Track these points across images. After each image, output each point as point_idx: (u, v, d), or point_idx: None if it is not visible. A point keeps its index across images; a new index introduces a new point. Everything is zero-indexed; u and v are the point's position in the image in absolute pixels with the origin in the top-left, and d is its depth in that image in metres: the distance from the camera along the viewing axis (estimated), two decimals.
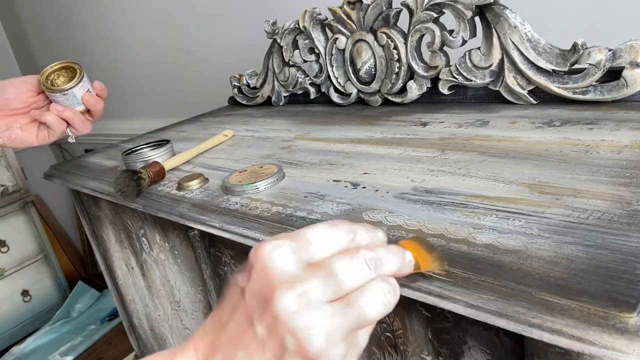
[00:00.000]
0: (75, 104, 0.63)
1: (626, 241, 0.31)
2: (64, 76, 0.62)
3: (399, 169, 0.52)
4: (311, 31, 0.86)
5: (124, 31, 1.65)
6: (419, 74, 0.74)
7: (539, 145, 0.50)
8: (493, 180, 0.44)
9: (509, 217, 0.37)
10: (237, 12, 1.26)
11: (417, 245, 0.31)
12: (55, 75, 0.62)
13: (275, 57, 0.96)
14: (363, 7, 0.76)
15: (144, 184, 0.62)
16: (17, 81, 0.64)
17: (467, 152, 0.52)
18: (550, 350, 0.29)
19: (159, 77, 1.63)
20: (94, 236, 0.95)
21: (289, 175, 0.57)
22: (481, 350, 0.35)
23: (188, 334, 0.80)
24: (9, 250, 1.99)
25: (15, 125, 0.63)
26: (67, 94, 0.61)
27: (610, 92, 0.57)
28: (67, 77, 0.62)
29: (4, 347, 1.97)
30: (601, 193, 0.37)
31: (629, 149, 0.44)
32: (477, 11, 0.64)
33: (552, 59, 0.59)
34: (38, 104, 0.64)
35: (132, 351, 1.63)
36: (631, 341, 0.24)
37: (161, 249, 0.73)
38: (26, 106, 0.63)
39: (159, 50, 1.56)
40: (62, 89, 0.61)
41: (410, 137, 0.62)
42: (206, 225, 0.53)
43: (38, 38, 2.13)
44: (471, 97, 0.72)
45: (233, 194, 0.55)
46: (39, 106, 0.64)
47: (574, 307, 0.26)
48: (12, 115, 0.63)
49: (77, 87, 0.61)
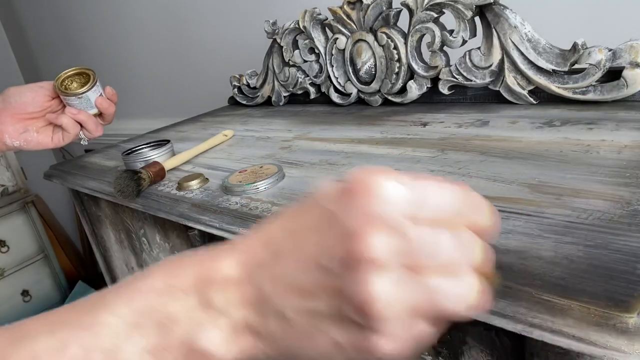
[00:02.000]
0: (89, 108, 0.67)
1: (626, 241, 0.31)
2: (77, 82, 0.66)
3: (399, 168, 0.52)
4: (311, 31, 0.86)
5: (123, 31, 1.65)
6: (419, 74, 0.74)
7: (539, 145, 0.50)
8: (493, 180, 0.44)
9: (509, 217, 0.37)
10: (237, 12, 1.26)
11: None
12: (69, 81, 0.67)
13: (275, 57, 0.96)
14: (363, 7, 0.76)
15: (144, 184, 0.62)
16: (33, 86, 0.68)
17: (467, 152, 0.52)
18: (550, 350, 0.29)
19: (159, 77, 1.63)
20: (94, 236, 0.95)
21: (289, 175, 0.57)
22: (481, 350, 0.35)
23: None
24: (9, 250, 1.99)
25: (32, 128, 0.67)
26: (81, 97, 0.65)
27: (611, 92, 0.57)
28: (80, 82, 0.66)
29: None
30: (601, 193, 0.37)
31: (629, 149, 0.44)
32: (477, 11, 0.64)
33: (552, 59, 0.59)
34: (53, 107, 0.68)
35: None
36: (631, 341, 0.24)
37: (161, 249, 0.73)
38: (42, 110, 0.67)
39: (159, 50, 1.56)
40: (76, 93, 0.65)
41: (410, 137, 0.62)
42: (206, 225, 0.53)
43: (38, 38, 2.13)
44: (471, 97, 0.72)
45: (233, 194, 0.55)
46: (53, 110, 0.68)
47: (574, 307, 0.26)
48: (29, 119, 0.67)
49: (90, 91, 0.65)
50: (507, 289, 0.29)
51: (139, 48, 1.63)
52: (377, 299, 0.21)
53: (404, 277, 0.22)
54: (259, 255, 0.25)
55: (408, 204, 0.22)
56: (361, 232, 0.22)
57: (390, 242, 0.22)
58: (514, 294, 0.28)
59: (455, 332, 0.36)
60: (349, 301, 0.22)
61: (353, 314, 0.22)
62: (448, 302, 0.22)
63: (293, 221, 0.26)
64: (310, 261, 0.23)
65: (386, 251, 0.22)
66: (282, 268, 0.24)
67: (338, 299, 0.23)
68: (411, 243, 0.22)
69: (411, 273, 0.22)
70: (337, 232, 0.22)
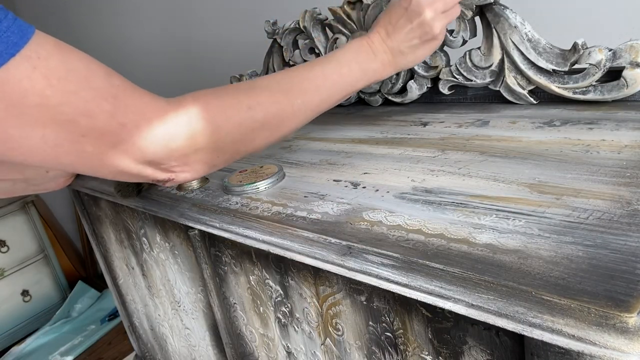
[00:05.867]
0: None
1: (626, 241, 0.31)
2: None
3: (399, 168, 0.52)
4: (311, 31, 0.86)
5: (123, 31, 1.65)
6: (419, 74, 0.74)
7: (539, 145, 0.50)
8: (493, 180, 0.44)
9: (509, 217, 0.37)
10: (237, 12, 1.27)
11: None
12: None
13: (275, 57, 0.96)
14: (363, 7, 0.76)
15: (144, 183, 0.62)
16: None
17: (468, 152, 0.52)
18: (550, 350, 0.29)
19: (159, 77, 1.63)
20: (94, 236, 0.95)
21: (289, 175, 0.58)
22: (481, 350, 0.35)
23: (188, 333, 0.80)
24: (9, 250, 1.99)
25: None
26: None
27: (611, 92, 0.57)
28: None
29: (4, 347, 1.97)
30: (601, 193, 0.37)
31: (629, 148, 0.44)
32: (478, 11, 0.64)
33: (553, 59, 0.59)
34: None
35: (132, 351, 1.63)
36: (631, 341, 0.24)
37: (161, 248, 0.73)
38: None
39: (160, 50, 1.56)
40: None
41: (410, 137, 0.62)
42: (206, 225, 0.53)
43: None
44: (471, 97, 0.72)
45: (233, 193, 0.55)
46: None
47: (574, 307, 0.26)
48: None
49: None
50: (507, 289, 0.29)
51: (139, 48, 1.63)
52: (437, 30, 0.56)
53: (440, 18, 0.56)
54: (381, 35, 0.58)
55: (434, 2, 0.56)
56: (423, 11, 0.55)
57: (432, 12, 0.56)
58: (514, 294, 0.28)
59: (455, 332, 0.36)
60: (427, 35, 0.57)
61: (427, 37, 0.57)
62: (453, 13, 0.58)
63: (388, 16, 0.58)
64: (406, 28, 0.57)
65: (432, 15, 0.55)
66: (397, 35, 0.57)
67: (422, 36, 0.57)
68: (436, 9, 0.56)
69: (442, 15, 0.56)
70: (412, 14, 0.56)
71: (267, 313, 0.57)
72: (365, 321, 0.44)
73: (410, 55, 0.58)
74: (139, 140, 0.41)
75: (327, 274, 0.45)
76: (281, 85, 0.50)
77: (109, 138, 0.40)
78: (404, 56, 0.58)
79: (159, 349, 0.96)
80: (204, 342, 0.76)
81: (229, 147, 0.47)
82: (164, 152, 0.43)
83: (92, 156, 0.40)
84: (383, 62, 0.57)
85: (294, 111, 0.50)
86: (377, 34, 0.57)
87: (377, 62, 0.57)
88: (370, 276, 0.36)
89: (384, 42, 0.57)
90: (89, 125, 0.38)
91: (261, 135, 0.49)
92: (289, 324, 0.54)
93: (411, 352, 0.41)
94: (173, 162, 0.44)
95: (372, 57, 0.56)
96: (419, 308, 0.38)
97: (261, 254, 0.52)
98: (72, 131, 0.38)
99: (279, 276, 0.51)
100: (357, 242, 0.38)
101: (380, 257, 0.36)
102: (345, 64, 0.55)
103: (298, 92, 0.51)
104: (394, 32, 0.57)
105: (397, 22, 0.57)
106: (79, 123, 0.38)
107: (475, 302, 0.30)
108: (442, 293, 0.31)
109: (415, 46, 0.57)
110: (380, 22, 0.58)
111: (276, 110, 0.49)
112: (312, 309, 0.49)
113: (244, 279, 0.57)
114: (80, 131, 0.38)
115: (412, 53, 0.58)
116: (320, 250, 0.40)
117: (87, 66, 0.39)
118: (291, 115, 0.51)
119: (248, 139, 0.48)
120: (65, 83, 0.37)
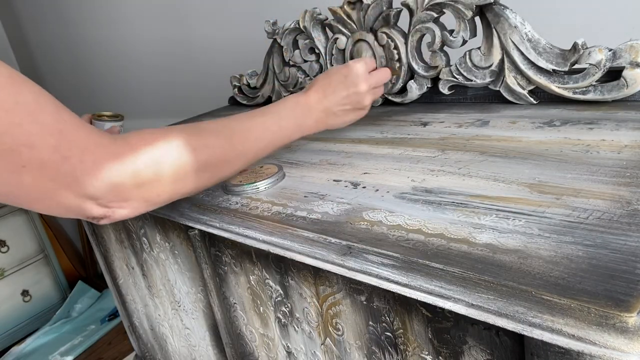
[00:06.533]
0: None
1: (626, 241, 0.31)
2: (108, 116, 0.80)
3: (399, 168, 0.52)
4: (311, 31, 0.86)
5: (123, 31, 1.65)
6: (419, 74, 0.74)
7: (539, 145, 0.50)
8: (493, 180, 0.44)
9: (509, 217, 0.37)
10: (237, 12, 1.27)
11: None
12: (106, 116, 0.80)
13: (275, 57, 0.96)
14: (363, 7, 0.76)
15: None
16: None
17: (467, 152, 0.52)
18: (550, 350, 0.29)
19: (159, 77, 1.63)
20: (94, 236, 0.95)
21: (289, 175, 0.58)
22: (481, 350, 0.35)
23: (188, 333, 0.80)
24: (9, 250, 1.99)
25: None
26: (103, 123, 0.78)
27: (611, 92, 0.57)
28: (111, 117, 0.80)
29: (4, 347, 1.97)
30: (601, 193, 0.37)
31: (629, 148, 0.44)
32: (478, 11, 0.64)
33: (553, 59, 0.59)
34: None
35: (132, 351, 1.63)
36: (631, 341, 0.24)
37: (161, 248, 0.73)
38: None
39: (159, 50, 1.56)
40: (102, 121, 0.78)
41: (410, 137, 0.62)
42: (206, 225, 0.53)
43: (38, 38, 2.13)
44: (471, 97, 0.72)
45: (233, 193, 0.55)
46: None
47: (574, 307, 0.26)
48: None
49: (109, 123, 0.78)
50: (507, 289, 0.29)
51: (139, 48, 1.63)
52: (367, 102, 0.66)
53: (371, 93, 0.66)
54: (319, 95, 0.62)
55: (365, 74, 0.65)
56: (359, 83, 0.64)
57: (366, 85, 0.65)
58: (514, 294, 0.29)
59: (455, 332, 0.36)
60: (358, 104, 0.65)
61: (358, 106, 0.65)
62: (379, 92, 0.70)
63: (327, 79, 0.64)
64: (343, 94, 0.63)
65: (366, 89, 0.65)
66: (333, 98, 0.63)
67: (354, 104, 0.64)
68: (370, 84, 0.65)
69: (372, 90, 0.67)
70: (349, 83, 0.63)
71: (267, 313, 0.57)
72: (365, 321, 0.44)
73: (341, 118, 0.64)
74: (82, 175, 0.41)
75: (327, 273, 0.45)
76: (225, 131, 0.53)
77: (51, 170, 0.39)
78: (335, 117, 0.63)
79: (159, 349, 0.96)
80: (204, 342, 0.76)
81: (169, 187, 0.47)
82: (106, 187, 0.43)
83: (31, 188, 0.40)
84: (317, 120, 0.62)
85: (235, 156, 0.53)
86: (315, 94, 0.62)
87: (312, 120, 0.61)
88: (370, 276, 0.36)
89: (320, 102, 0.62)
90: (30, 156, 0.38)
91: (203, 177, 0.50)
92: (289, 324, 0.54)
93: (411, 352, 0.41)
94: (113, 198, 0.44)
95: (308, 115, 0.61)
96: (419, 308, 0.38)
97: (261, 253, 0.52)
98: (11, 161, 0.38)
99: (279, 276, 0.51)
100: (357, 242, 0.38)
101: (380, 257, 0.36)
102: (284, 117, 0.59)
103: (240, 139, 0.53)
104: (331, 95, 0.62)
105: (335, 87, 0.63)
106: (21, 153, 0.38)
107: (475, 302, 0.30)
108: (442, 293, 0.31)
109: (346, 111, 0.64)
110: (320, 82, 0.63)
111: (219, 154, 0.51)
112: (312, 308, 0.49)
113: (244, 278, 0.57)
114: (20, 161, 0.38)
115: (342, 116, 0.64)
116: (320, 250, 0.40)
117: (36, 100, 0.39)
118: (233, 160, 0.53)
119: (189, 180, 0.49)
120: (12, 115, 0.37)
